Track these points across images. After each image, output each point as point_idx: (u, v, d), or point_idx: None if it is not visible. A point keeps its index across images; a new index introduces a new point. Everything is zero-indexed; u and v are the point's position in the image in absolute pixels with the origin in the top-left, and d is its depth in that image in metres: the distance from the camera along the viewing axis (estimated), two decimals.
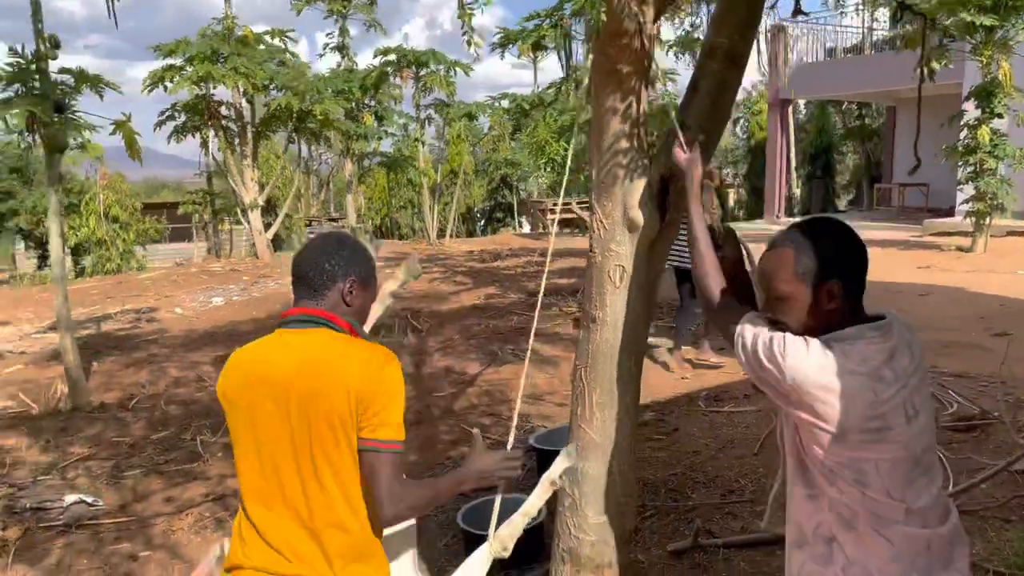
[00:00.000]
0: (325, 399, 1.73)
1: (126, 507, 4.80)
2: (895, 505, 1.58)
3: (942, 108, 12.95)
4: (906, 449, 1.59)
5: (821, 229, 1.71)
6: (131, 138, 6.90)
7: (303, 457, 1.75)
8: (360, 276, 1.90)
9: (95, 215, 20.05)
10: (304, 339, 1.81)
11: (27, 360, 8.38)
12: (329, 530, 1.76)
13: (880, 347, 1.62)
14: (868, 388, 1.57)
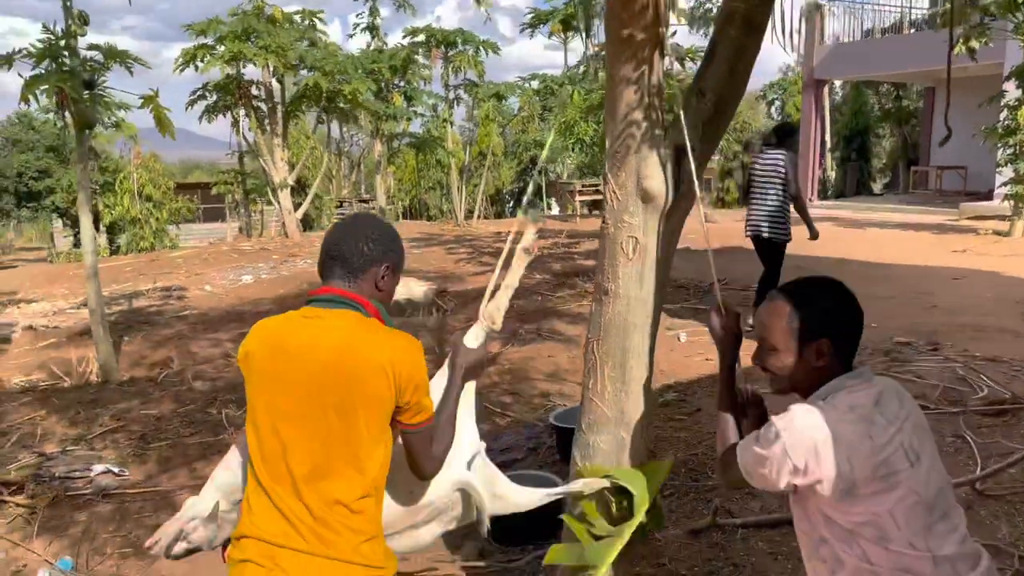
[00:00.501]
0: (360, 382, 1.74)
1: (151, 479, 4.88)
2: (921, 556, 1.57)
3: (982, 88, 12.63)
4: (917, 494, 1.59)
5: (818, 288, 1.78)
6: (160, 114, 6.96)
7: (323, 435, 1.76)
8: (394, 262, 1.92)
9: (129, 194, 20.34)
10: (337, 320, 1.80)
11: (60, 335, 8.54)
12: (338, 508, 1.75)
13: (864, 392, 1.67)
14: (863, 433, 1.60)
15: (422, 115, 20.81)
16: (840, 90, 26.11)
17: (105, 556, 3.96)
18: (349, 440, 1.75)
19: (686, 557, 3.60)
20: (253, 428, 1.85)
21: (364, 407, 1.75)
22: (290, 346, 1.80)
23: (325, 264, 1.88)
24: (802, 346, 1.71)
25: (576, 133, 14.48)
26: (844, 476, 1.58)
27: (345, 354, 1.75)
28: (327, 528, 1.75)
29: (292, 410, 1.78)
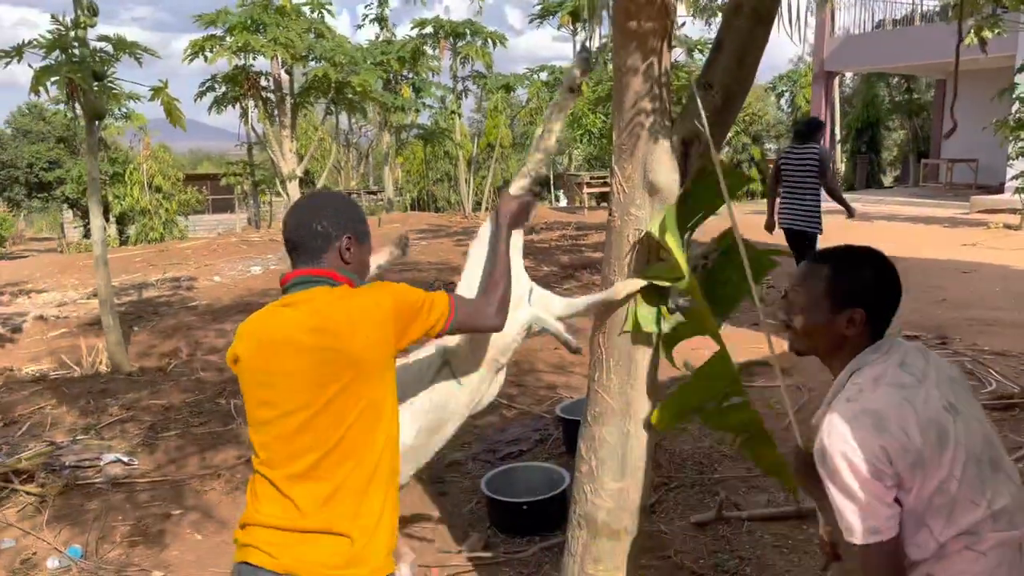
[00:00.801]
0: (347, 353, 1.73)
1: (161, 468, 4.91)
2: (982, 513, 1.54)
3: (994, 81, 12.53)
4: (966, 449, 1.55)
5: (861, 256, 1.73)
6: (170, 105, 6.96)
7: (316, 424, 1.75)
8: (355, 232, 1.89)
9: (139, 185, 20.41)
10: (311, 300, 1.79)
11: (70, 325, 8.59)
12: (342, 491, 1.75)
13: (886, 361, 1.63)
14: (900, 398, 1.55)
15: (430, 107, 20.79)
16: (850, 82, 25.94)
17: (115, 545, 3.99)
18: (343, 416, 1.74)
19: (692, 550, 3.61)
20: (252, 426, 1.86)
21: (357, 379, 1.74)
22: (274, 337, 1.80)
23: (289, 252, 1.88)
24: (834, 312, 1.67)
25: (584, 125, 14.43)
26: (909, 449, 1.51)
27: (320, 331, 1.74)
28: (329, 510, 1.75)
29: (285, 401, 1.77)
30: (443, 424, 2.23)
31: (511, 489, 4.05)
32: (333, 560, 1.73)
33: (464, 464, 4.75)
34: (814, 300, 1.70)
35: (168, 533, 4.11)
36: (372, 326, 1.77)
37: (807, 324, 1.71)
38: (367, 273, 1.95)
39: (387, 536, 1.82)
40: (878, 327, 1.69)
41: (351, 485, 1.76)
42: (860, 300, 1.66)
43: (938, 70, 19.38)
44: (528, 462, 4.52)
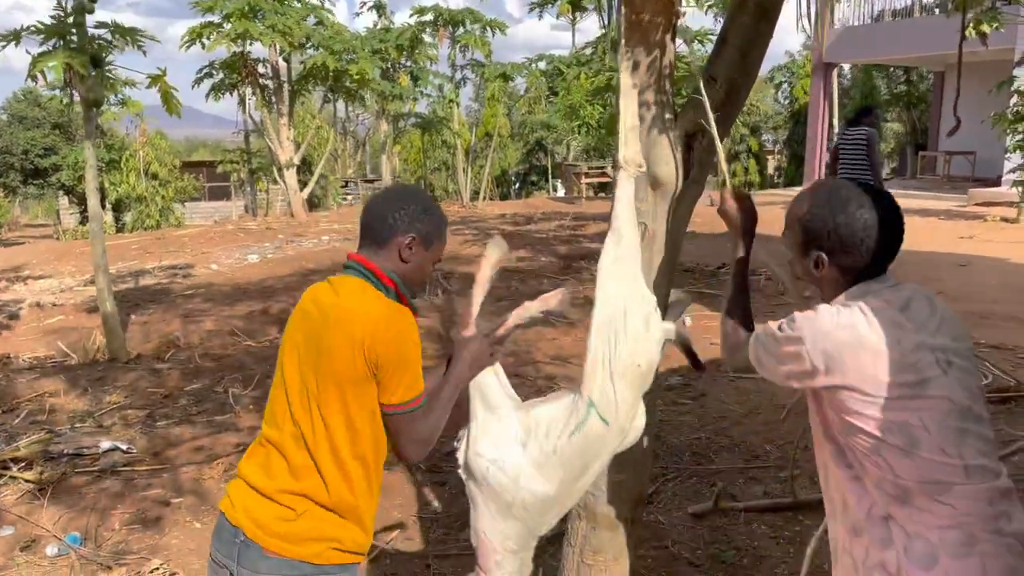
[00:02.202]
0: (330, 358, 1.76)
1: (159, 455, 4.92)
2: (952, 465, 1.50)
3: (993, 74, 12.52)
4: (950, 401, 1.52)
5: (838, 196, 1.65)
6: (167, 92, 6.94)
7: (306, 402, 1.80)
8: (423, 234, 1.86)
9: (135, 172, 20.35)
10: (344, 287, 1.83)
11: (67, 312, 8.58)
12: (311, 470, 1.78)
13: (889, 298, 1.59)
14: (892, 337, 1.53)
15: (428, 95, 20.74)
16: (849, 74, 25.92)
17: (113, 532, 4.00)
18: (326, 412, 1.77)
19: (689, 540, 3.63)
20: (273, 384, 1.93)
21: (335, 384, 1.76)
22: (305, 307, 1.87)
23: (360, 231, 1.91)
24: (802, 251, 1.68)
25: (582, 116, 14.41)
26: (869, 381, 1.51)
27: (330, 325, 1.77)
28: (292, 486, 1.78)
29: (290, 372, 1.84)
30: (589, 467, 2.02)
31: None
32: (286, 530, 1.76)
33: None
34: (792, 235, 1.71)
35: (166, 520, 4.12)
36: (349, 344, 1.75)
37: (790, 258, 1.75)
38: (424, 278, 1.93)
39: (339, 530, 1.81)
40: (855, 270, 1.63)
41: (327, 469, 1.78)
42: (822, 244, 1.64)
43: (937, 62, 19.37)
44: None
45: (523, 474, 1.92)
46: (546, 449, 1.93)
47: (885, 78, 25.23)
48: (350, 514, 1.82)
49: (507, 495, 1.93)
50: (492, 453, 1.93)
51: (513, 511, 1.95)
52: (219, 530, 1.86)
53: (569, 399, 1.99)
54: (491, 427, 1.96)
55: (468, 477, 1.99)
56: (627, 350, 1.94)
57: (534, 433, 1.95)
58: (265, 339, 7.42)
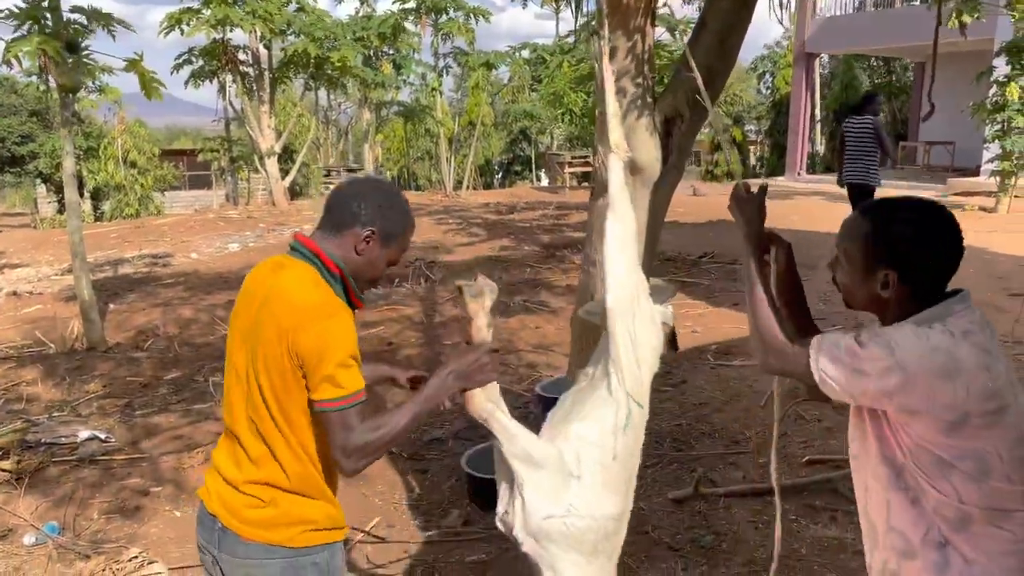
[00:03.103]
0: (264, 344, 1.72)
1: (138, 444, 4.89)
2: (1016, 491, 1.50)
3: (973, 64, 12.62)
4: (1019, 428, 1.50)
5: (904, 212, 1.59)
6: (145, 77, 6.84)
7: (252, 385, 1.77)
8: (383, 231, 1.79)
9: (114, 160, 20.12)
10: (286, 271, 1.77)
11: (45, 301, 8.48)
12: (269, 458, 1.78)
13: (972, 319, 1.53)
14: (981, 364, 1.48)
15: (411, 84, 20.65)
16: (829, 64, 26.03)
17: (92, 521, 3.98)
18: (266, 401, 1.75)
19: (669, 525, 3.66)
20: (226, 368, 1.90)
21: (266, 370, 1.72)
22: (249, 288, 1.84)
23: (322, 214, 1.86)
24: (867, 271, 1.58)
25: (565, 104, 14.38)
26: (958, 407, 1.45)
27: (265, 312, 1.73)
28: (256, 474, 1.79)
29: (237, 358, 1.81)
30: (638, 458, 1.98)
31: (491, 466, 4.06)
32: (258, 517, 1.78)
33: (445, 442, 4.77)
34: (850, 257, 1.62)
35: (146, 509, 4.10)
36: (275, 332, 1.70)
37: (845, 280, 1.65)
38: (376, 274, 1.85)
39: (309, 511, 1.81)
40: (924, 289, 1.57)
41: (281, 453, 1.77)
42: (895, 262, 1.56)
43: (918, 52, 19.49)
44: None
45: (594, 505, 1.84)
46: (606, 461, 1.86)
47: (867, 69, 25.36)
48: (318, 493, 1.81)
49: (590, 535, 1.84)
50: (559, 506, 1.82)
51: (599, 548, 1.87)
52: (200, 517, 1.88)
53: (604, 397, 1.91)
54: (543, 483, 1.83)
55: (541, 546, 1.85)
56: (644, 333, 1.91)
57: (586, 455, 1.85)
58: None
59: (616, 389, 1.88)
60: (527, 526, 1.82)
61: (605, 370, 1.90)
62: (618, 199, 1.92)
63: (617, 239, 1.91)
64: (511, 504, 1.86)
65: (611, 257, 1.90)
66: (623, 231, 1.92)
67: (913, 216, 1.58)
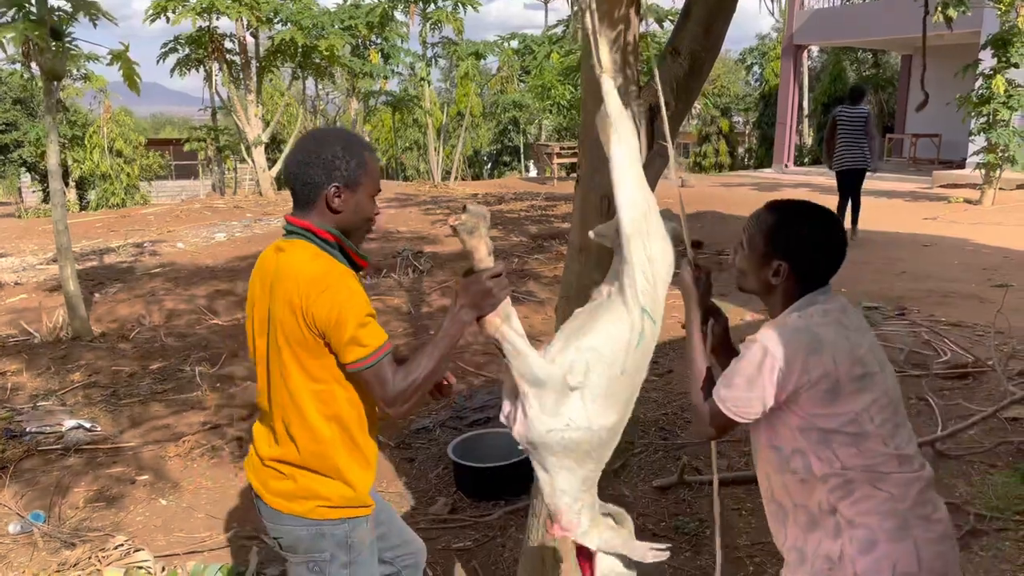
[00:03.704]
0: (279, 325, 1.80)
1: (123, 433, 4.88)
2: (890, 454, 1.67)
3: (959, 57, 12.69)
4: (887, 395, 1.69)
5: (802, 213, 1.80)
6: (129, 70, 6.79)
7: (271, 367, 1.87)
8: (345, 179, 1.82)
9: (99, 148, 19.94)
10: (286, 252, 1.83)
11: (30, 290, 8.43)
12: (287, 436, 1.88)
13: (833, 305, 1.75)
14: (841, 335, 1.68)
15: (399, 74, 20.53)
16: (818, 57, 26.10)
17: (77, 509, 3.97)
18: (286, 374, 1.83)
19: (653, 512, 3.69)
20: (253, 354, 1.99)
21: (286, 345, 1.80)
22: (257, 279, 1.91)
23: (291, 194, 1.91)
24: (764, 260, 1.77)
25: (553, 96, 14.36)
26: (830, 375, 1.64)
27: (272, 292, 1.81)
28: (279, 451, 1.90)
29: (257, 342, 1.92)
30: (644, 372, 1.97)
31: (477, 455, 4.09)
32: (279, 488, 1.91)
33: (432, 431, 4.78)
34: (752, 244, 1.80)
35: (131, 498, 4.09)
36: (289, 310, 1.78)
37: (741, 264, 1.83)
38: (365, 215, 1.89)
39: (323, 488, 1.90)
40: (811, 282, 1.77)
41: (296, 432, 1.86)
42: (789, 255, 1.75)
43: (904, 45, 19.57)
44: (495, 428, 4.56)
45: (593, 416, 1.88)
46: (613, 374, 1.88)
47: (854, 61, 25.44)
48: (333, 473, 1.89)
49: (585, 445, 1.89)
50: (558, 420, 1.86)
51: (591, 455, 1.93)
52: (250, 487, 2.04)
53: (619, 313, 1.90)
54: (545, 399, 1.87)
55: (537, 452, 1.90)
56: (658, 250, 1.90)
57: (596, 366, 1.87)
58: (232, 318, 7.35)
59: (632, 305, 1.89)
60: (527, 435, 1.88)
61: (621, 287, 1.90)
62: (618, 120, 1.89)
63: (623, 159, 1.89)
64: (513, 413, 1.92)
65: (619, 177, 1.88)
66: (628, 151, 1.89)
67: (812, 219, 1.78)
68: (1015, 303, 6.24)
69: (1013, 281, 7.22)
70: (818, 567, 1.71)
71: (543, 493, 1.96)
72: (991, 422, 4.29)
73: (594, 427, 1.88)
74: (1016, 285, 7.02)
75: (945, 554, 1.68)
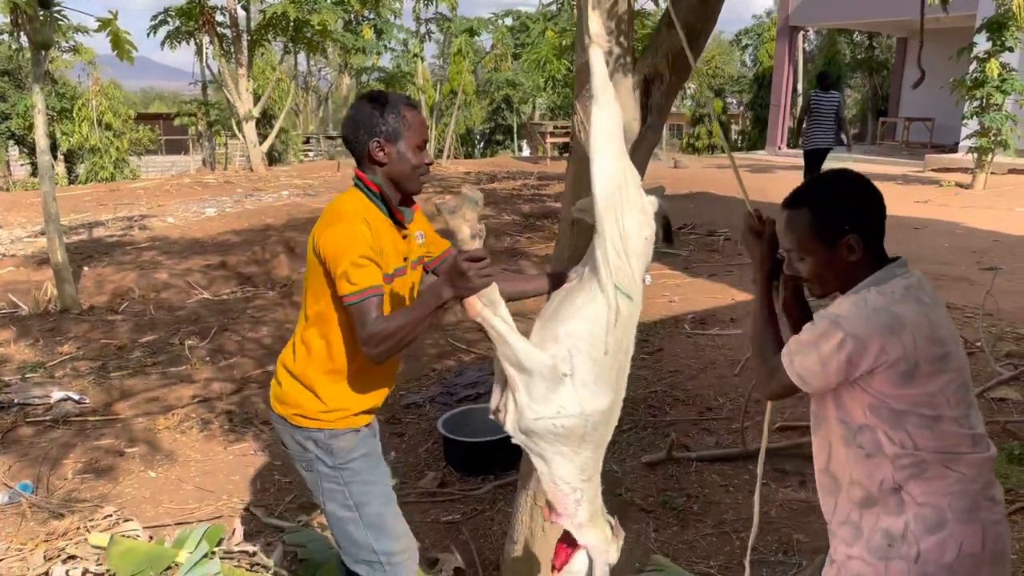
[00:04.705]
0: (309, 253, 2.06)
1: (112, 406, 4.86)
2: (964, 435, 1.62)
3: (954, 40, 12.65)
4: (961, 375, 1.63)
5: (831, 184, 1.74)
6: (118, 37, 6.70)
7: (303, 281, 2.16)
8: (385, 133, 2.01)
9: (88, 121, 19.74)
10: (338, 196, 2.11)
11: (18, 263, 8.36)
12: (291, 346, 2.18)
13: (912, 280, 1.65)
14: (921, 314, 1.60)
15: (392, 50, 20.37)
16: (814, 38, 26.00)
17: (66, 480, 3.96)
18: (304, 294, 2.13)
19: (642, 488, 3.71)
20: None
21: (309, 267, 2.07)
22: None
23: None
24: (831, 247, 1.67)
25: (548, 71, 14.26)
26: (908, 356, 1.57)
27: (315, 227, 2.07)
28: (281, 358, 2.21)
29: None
30: (630, 351, 1.96)
31: (467, 430, 4.10)
32: (274, 391, 2.20)
33: (422, 406, 4.78)
34: (808, 244, 1.70)
35: (120, 469, 4.08)
36: (312, 244, 2.04)
37: (812, 268, 1.71)
38: (414, 163, 2.05)
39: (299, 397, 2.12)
40: (876, 245, 1.69)
41: (297, 341, 2.14)
42: (849, 226, 1.66)
43: (900, 28, 19.51)
44: (484, 404, 4.56)
45: (585, 401, 1.85)
46: (597, 356, 1.86)
47: (849, 43, 25.34)
48: (307, 382, 2.10)
49: (578, 431, 1.87)
50: (549, 408, 1.84)
51: (587, 439, 1.90)
52: None
53: (594, 293, 1.88)
54: (535, 387, 1.85)
55: (531, 440, 1.89)
56: (633, 223, 1.86)
57: (578, 351, 1.85)
58: (222, 292, 7.32)
59: (606, 283, 1.85)
60: (518, 424, 1.86)
61: (595, 265, 1.86)
62: (601, 90, 1.87)
63: (603, 129, 1.87)
64: (503, 403, 1.90)
65: (597, 148, 1.86)
66: (609, 121, 1.86)
67: (837, 183, 1.73)
68: (1004, 286, 6.28)
69: (1002, 264, 7.26)
70: (876, 543, 1.67)
71: (541, 481, 1.95)
72: (979, 402, 4.32)
73: (587, 411, 1.86)
74: (1005, 268, 7.06)
75: (1003, 535, 1.66)
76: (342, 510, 2.14)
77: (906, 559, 1.62)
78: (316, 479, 2.15)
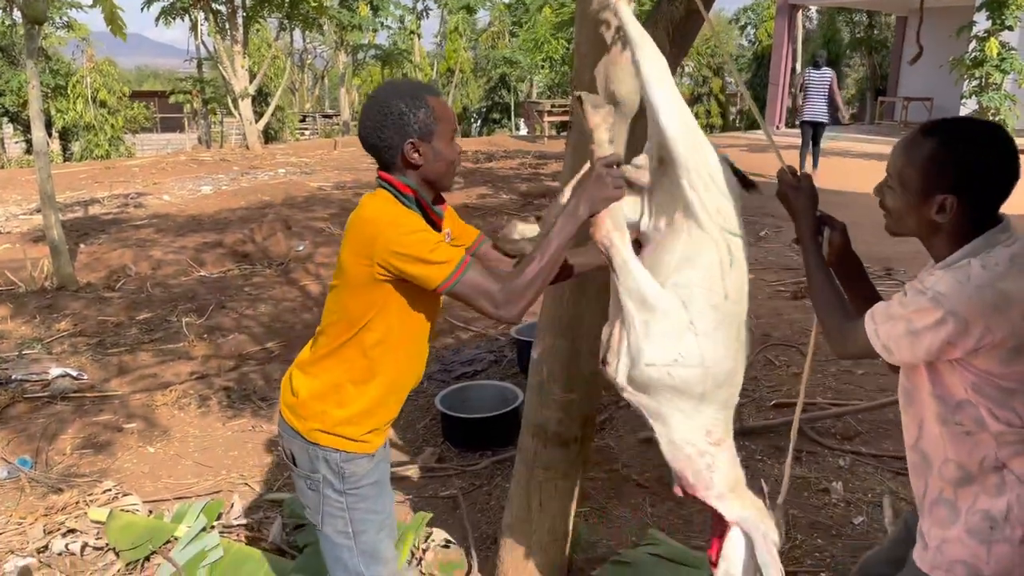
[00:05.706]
0: (343, 259, 1.87)
1: (110, 382, 4.87)
2: None
3: (954, 20, 12.59)
4: None
5: (970, 135, 1.52)
6: (112, 12, 6.64)
7: (331, 292, 1.95)
8: (419, 132, 1.83)
9: (83, 99, 19.61)
10: (367, 200, 1.88)
11: (13, 240, 8.34)
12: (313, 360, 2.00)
13: (1016, 248, 1.50)
14: None
15: (389, 27, 20.22)
16: (815, 17, 25.84)
17: (64, 456, 3.97)
18: (334, 312, 1.93)
19: (638, 463, 3.73)
20: None
21: (343, 279, 1.88)
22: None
23: None
24: (925, 195, 1.51)
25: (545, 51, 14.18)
26: (1017, 333, 1.45)
27: (347, 235, 1.87)
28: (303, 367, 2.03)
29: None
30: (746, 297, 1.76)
31: (465, 406, 4.12)
32: (284, 398, 2.04)
33: (420, 383, 4.79)
34: (904, 179, 1.55)
35: (119, 445, 4.10)
36: (352, 248, 1.84)
37: (896, 203, 1.58)
38: (450, 159, 1.89)
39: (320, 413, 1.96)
40: (979, 214, 1.51)
41: (319, 358, 1.97)
42: (953, 186, 1.49)
43: (899, 6, 19.39)
44: (483, 380, 4.58)
45: (706, 351, 1.67)
46: (716, 301, 1.68)
47: (849, 23, 25.21)
48: (334, 405, 1.94)
49: (696, 386, 1.68)
50: (666, 355, 1.66)
51: (707, 396, 1.70)
52: None
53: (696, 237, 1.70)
54: (652, 328, 1.67)
55: (639, 393, 1.71)
56: (716, 161, 1.72)
57: (694, 299, 1.68)
58: (218, 270, 7.31)
59: (708, 225, 1.67)
60: (630, 372, 1.69)
61: (686, 211, 1.69)
62: (641, 41, 1.73)
63: (656, 76, 1.72)
64: (616, 346, 1.72)
65: (657, 94, 1.70)
66: (659, 68, 1.72)
67: (981, 139, 1.51)
68: None
69: None
70: (975, 524, 1.57)
71: (661, 448, 1.74)
72: None
73: (707, 363, 1.68)
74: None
75: None
76: (339, 536, 2.05)
77: (1010, 541, 1.54)
78: (319, 500, 2.03)
